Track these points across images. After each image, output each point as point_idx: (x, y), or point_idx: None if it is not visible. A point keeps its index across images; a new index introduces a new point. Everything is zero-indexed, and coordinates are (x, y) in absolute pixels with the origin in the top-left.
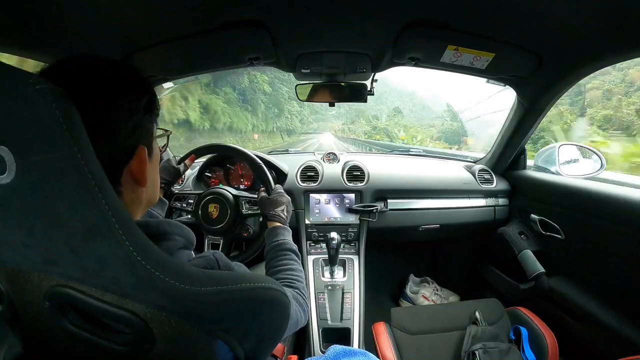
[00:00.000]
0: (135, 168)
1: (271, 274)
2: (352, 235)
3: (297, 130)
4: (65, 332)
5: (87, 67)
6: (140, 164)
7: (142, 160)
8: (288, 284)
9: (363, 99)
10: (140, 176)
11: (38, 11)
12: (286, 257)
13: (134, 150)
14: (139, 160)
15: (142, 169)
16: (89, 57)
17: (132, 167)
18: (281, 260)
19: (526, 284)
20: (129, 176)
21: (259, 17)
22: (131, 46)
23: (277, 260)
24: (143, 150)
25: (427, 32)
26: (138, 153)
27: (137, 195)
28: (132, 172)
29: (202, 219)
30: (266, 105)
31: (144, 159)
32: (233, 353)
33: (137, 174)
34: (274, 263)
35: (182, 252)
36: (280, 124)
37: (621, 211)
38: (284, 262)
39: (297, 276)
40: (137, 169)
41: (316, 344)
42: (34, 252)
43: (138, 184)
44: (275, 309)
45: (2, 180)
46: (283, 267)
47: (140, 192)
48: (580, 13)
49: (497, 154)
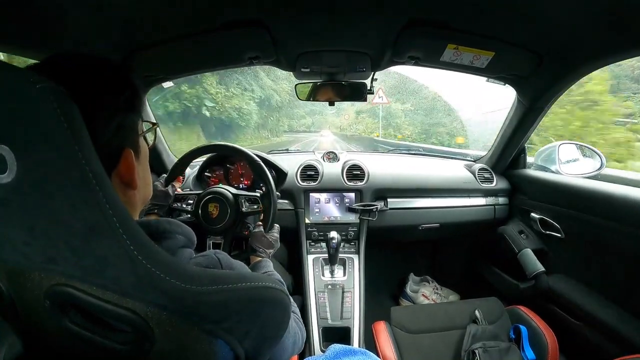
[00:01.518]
0: (123, 172)
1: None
2: (352, 234)
3: (288, 127)
4: (65, 331)
5: (65, 67)
6: (128, 168)
7: (129, 164)
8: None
9: (363, 98)
10: (129, 179)
11: (37, 11)
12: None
13: (121, 153)
14: (126, 164)
15: (131, 172)
16: (66, 56)
17: (121, 171)
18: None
19: (526, 283)
20: (118, 180)
21: (258, 16)
22: (131, 46)
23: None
24: (129, 154)
25: (427, 31)
26: (125, 157)
27: (129, 198)
28: (121, 175)
29: (203, 219)
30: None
31: (131, 162)
32: (234, 352)
33: (126, 177)
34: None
35: (183, 250)
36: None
37: (621, 210)
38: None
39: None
40: (125, 172)
41: (316, 343)
42: (34, 251)
43: (129, 187)
44: (275, 308)
45: (3, 180)
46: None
47: (132, 194)
48: (580, 12)
49: (497, 153)
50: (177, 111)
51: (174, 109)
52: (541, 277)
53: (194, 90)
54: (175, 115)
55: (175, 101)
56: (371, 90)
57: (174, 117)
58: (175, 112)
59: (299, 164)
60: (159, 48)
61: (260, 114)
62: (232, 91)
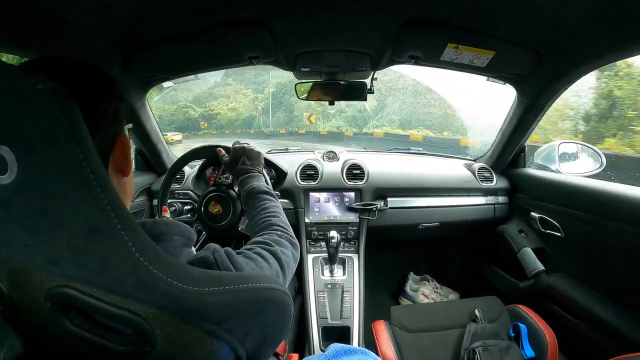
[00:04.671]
0: (118, 157)
1: (251, 224)
2: (351, 233)
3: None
4: (66, 332)
5: (64, 63)
6: (123, 150)
7: (124, 145)
8: (266, 223)
9: (363, 98)
10: (123, 165)
11: (37, 11)
12: (257, 199)
13: (116, 139)
14: (121, 147)
15: (126, 154)
16: (62, 56)
17: (116, 157)
18: (254, 204)
19: (526, 282)
20: (113, 167)
21: (259, 15)
22: (130, 45)
23: (250, 207)
24: (124, 136)
25: (427, 30)
26: (120, 139)
27: (122, 186)
28: (115, 162)
29: (206, 217)
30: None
31: (126, 143)
32: (235, 353)
33: (120, 163)
34: (250, 211)
35: (183, 251)
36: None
37: (621, 209)
38: (256, 204)
39: (273, 212)
40: (120, 157)
41: (316, 343)
42: (35, 252)
43: (122, 174)
44: (277, 309)
45: (4, 180)
46: (256, 209)
47: (124, 182)
48: (580, 11)
49: (497, 152)
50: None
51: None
52: (541, 276)
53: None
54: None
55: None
56: (371, 89)
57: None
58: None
59: (298, 164)
60: (158, 48)
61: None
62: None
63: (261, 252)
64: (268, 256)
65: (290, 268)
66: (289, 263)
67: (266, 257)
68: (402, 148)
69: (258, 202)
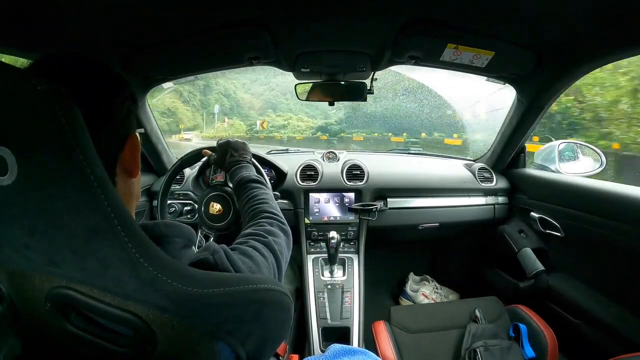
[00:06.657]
0: (127, 157)
1: (242, 213)
2: (351, 234)
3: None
4: (66, 333)
5: (77, 62)
6: (133, 152)
7: (135, 146)
8: (256, 211)
9: (363, 98)
10: (131, 166)
11: (37, 11)
12: (246, 189)
13: (126, 139)
14: (132, 148)
15: (135, 155)
16: (71, 55)
17: (125, 157)
18: (243, 194)
19: (526, 282)
20: (121, 168)
21: (258, 16)
22: (130, 46)
23: (241, 197)
24: (135, 138)
25: (427, 31)
26: (131, 140)
27: (128, 187)
28: (124, 162)
29: (207, 218)
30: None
31: (136, 145)
32: (235, 354)
33: (128, 164)
34: (240, 202)
35: (184, 252)
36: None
37: (621, 209)
38: (245, 194)
39: (262, 199)
40: (129, 157)
41: (316, 343)
42: (35, 253)
43: (129, 175)
44: (277, 310)
45: (4, 182)
46: (245, 199)
47: (131, 183)
48: (579, 11)
49: (496, 152)
50: None
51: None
52: (541, 276)
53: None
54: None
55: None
56: (371, 90)
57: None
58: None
59: (298, 164)
60: (158, 48)
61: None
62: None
63: (256, 245)
64: (263, 249)
65: (284, 257)
66: (282, 252)
67: (261, 250)
68: (402, 148)
69: (247, 191)
